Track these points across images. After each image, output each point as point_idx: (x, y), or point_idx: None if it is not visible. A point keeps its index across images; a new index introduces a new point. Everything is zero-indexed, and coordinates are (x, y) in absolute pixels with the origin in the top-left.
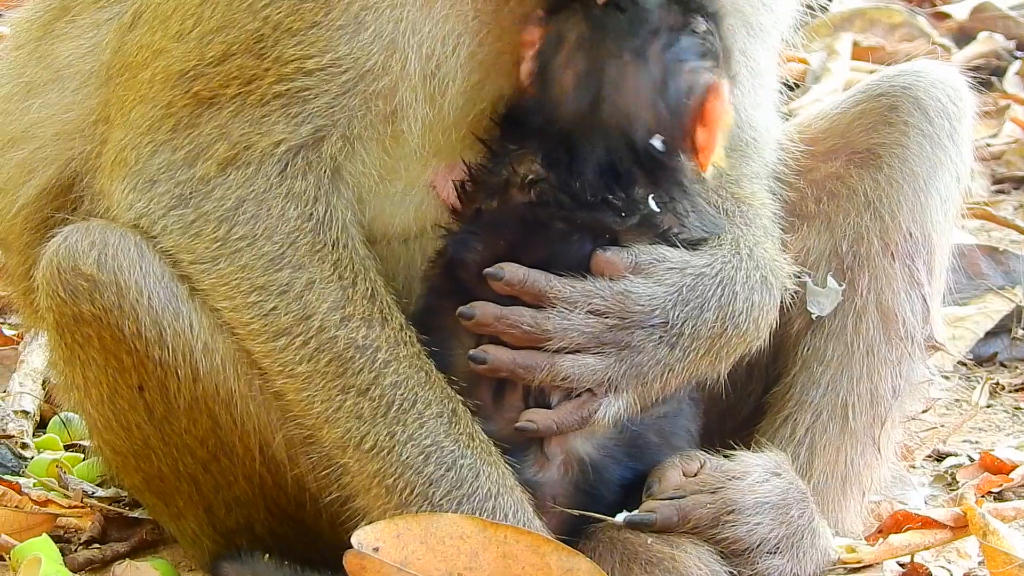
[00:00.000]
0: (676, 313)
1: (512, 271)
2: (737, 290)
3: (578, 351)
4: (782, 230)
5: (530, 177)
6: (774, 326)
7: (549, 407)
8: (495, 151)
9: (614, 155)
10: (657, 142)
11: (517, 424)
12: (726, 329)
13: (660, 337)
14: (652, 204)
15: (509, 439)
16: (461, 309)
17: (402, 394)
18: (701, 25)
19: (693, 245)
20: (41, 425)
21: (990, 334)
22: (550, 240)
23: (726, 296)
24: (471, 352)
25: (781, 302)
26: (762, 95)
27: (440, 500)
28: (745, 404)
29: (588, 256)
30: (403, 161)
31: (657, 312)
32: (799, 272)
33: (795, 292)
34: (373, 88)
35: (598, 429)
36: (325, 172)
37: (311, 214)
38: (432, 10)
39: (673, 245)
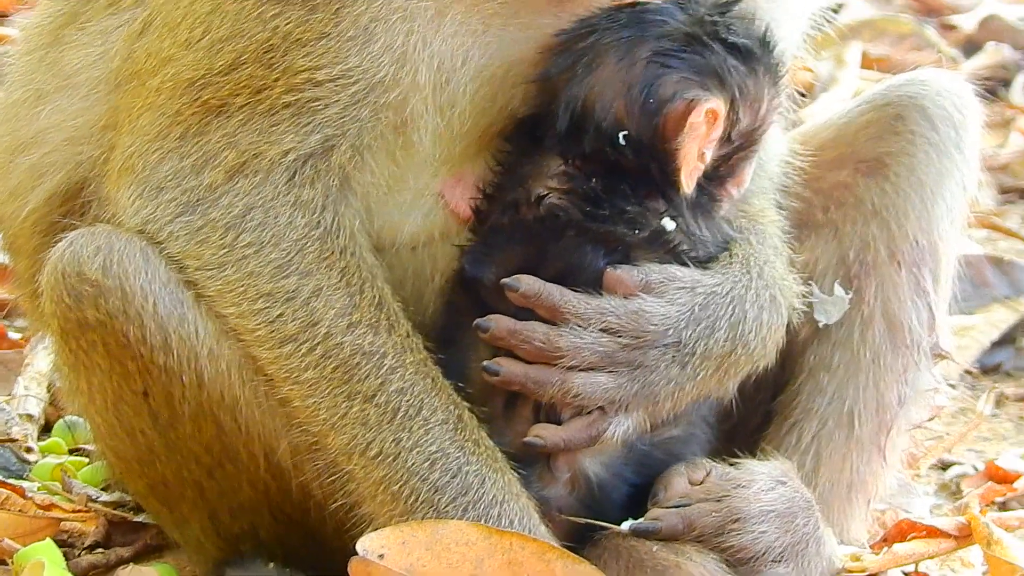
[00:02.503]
0: (689, 333)
1: (528, 283)
2: (747, 309)
3: (591, 369)
4: (790, 240)
5: (541, 192)
6: (781, 343)
7: (559, 423)
8: (507, 167)
9: (610, 147)
10: (621, 137)
11: (525, 439)
12: (736, 348)
13: (672, 357)
14: (668, 224)
15: (517, 453)
16: (478, 321)
17: (408, 400)
18: (713, 45)
19: (703, 263)
20: (46, 429)
21: (996, 344)
22: (563, 254)
23: (736, 315)
24: (485, 363)
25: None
26: None
27: (446, 507)
28: (754, 415)
29: (601, 272)
30: (412, 171)
31: (671, 332)
32: (806, 281)
33: (803, 311)
34: (383, 99)
35: (607, 448)
36: (333, 181)
37: (319, 222)
38: (443, 23)
39: (683, 263)
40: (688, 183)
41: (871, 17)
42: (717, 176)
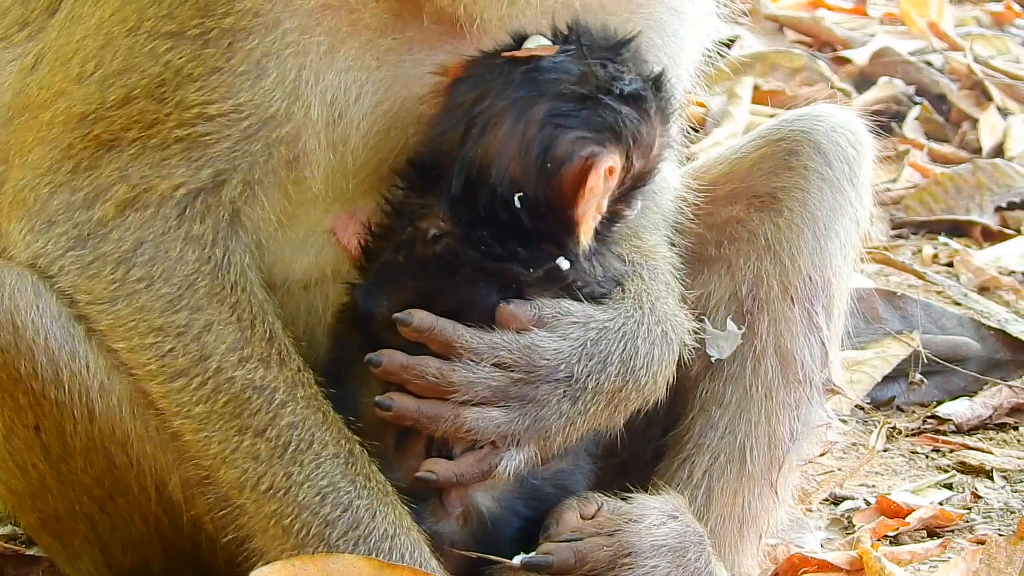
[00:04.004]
0: (581, 367)
1: (421, 318)
2: (639, 344)
3: (483, 403)
4: (683, 275)
5: (433, 232)
6: (672, 379)
7: (451, 457)
8: (398, 207)
9: (504, 209)
10: (517, 199)
11: (417, 474)
12: (627, 383)
13: (564, 392)
14: (562, 263)
15: (410, 488)
16: (369, 356)
17: (299, 435)
18: (606, 99)
19: (596, 299)
20: None
21: (888, 378)
22: (456, 289)
23: (628, 351)
24: (377, 398)
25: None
26: None
27: (337, 541)
28: (646, 450)
29: (494, 307)
30: (304, 207)
31: (562, 367)
32: (698, 316)
33: (694, 347)
34: (275, 134)
35: (499, 482)
36: (224, 216)
37: (209, 257)
38: (335, 58)
39: (576, 299)
40: (587, 238)
41: (763, 51)
42: (609, 215)
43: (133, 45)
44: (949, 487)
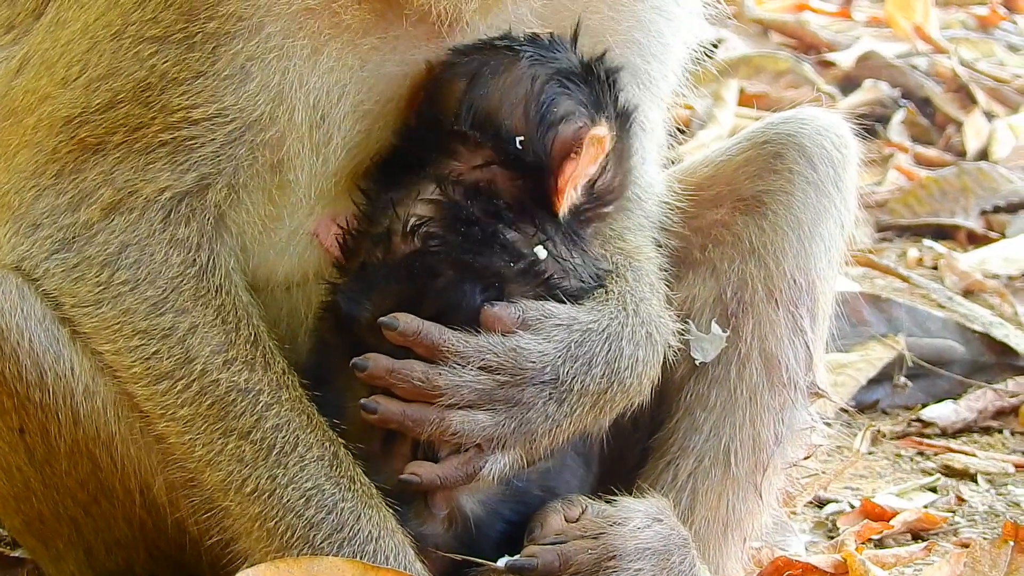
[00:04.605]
0: (566, 369)
1: (407, 322)
2: (623, 346)
3: (469, 407)
4: (667, 277)
5: (413, 220)
6: (657, 380)
7: (437, 460)
8: (375, 199)
9: (502, 152)
10: (518, 142)
11: (401, 476)
12: (612, 385)
13: (550, 394)
14: (540, 251)
15: (395, 490)
16: (355, 360)
17: (283, 437)
18: (604, 93)
19: (579, 299)
20: None
21: (872, 381)
22: (440, 292)
23: (612, 352)
24: (362, 401)
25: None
26: (649, 149)
27: (321, 543)
28: (631, 453)
29: (478, 310)
30: (288, 209)
31: (548, 369)
32: (683, 319)
33: (679, 348)
34: (260, 138)
35: (483, 485)
36: (208, 219)
37: (194, 260)
38: (318, 61)
39: (559, 300)
40: (564, 205)
41: (748, 54)
42: (576, 219)
43: (118, 49)
44: (933, 490)
